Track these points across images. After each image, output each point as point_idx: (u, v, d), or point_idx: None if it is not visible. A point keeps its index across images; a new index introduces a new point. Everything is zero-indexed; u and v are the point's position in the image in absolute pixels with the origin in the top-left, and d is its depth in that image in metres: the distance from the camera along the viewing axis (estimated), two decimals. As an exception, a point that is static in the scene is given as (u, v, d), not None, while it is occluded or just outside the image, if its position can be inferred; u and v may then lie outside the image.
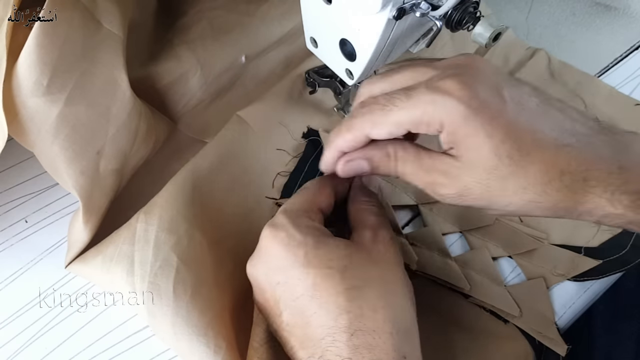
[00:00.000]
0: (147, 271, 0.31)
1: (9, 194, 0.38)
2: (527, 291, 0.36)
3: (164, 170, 0.39)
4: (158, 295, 0.30)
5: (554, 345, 0.34)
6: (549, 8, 0.53)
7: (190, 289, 0.30)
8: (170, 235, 0.32)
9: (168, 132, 0.41)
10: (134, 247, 0.32)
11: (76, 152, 0.31)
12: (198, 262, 0.32)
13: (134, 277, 0.31)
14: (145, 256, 0.31)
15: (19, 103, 0.29)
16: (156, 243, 0.31)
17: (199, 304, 0.30)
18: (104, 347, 0.34)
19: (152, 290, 0.30)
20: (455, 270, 0.36)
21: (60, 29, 0.29)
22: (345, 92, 0.40)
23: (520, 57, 0.48)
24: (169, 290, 0.30)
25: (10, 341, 0.34)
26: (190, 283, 0.31)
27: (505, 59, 0.48)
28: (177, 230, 0.32)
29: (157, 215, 0.32)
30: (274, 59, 0.46)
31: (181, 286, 0.30)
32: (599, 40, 0.51)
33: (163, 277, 0.30)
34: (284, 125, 0.41)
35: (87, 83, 0.31)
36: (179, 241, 0.32)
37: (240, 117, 0.40)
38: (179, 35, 0.44)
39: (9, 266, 0.36)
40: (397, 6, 0.25)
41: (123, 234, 0.33)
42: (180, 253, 0.31)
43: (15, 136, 0.29)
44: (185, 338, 0.29)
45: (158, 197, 0.34)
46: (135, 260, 0.31)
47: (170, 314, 0.30)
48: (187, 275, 0.31)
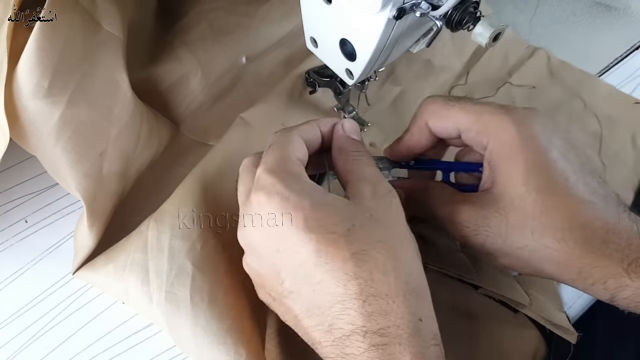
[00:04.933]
0: (163, 280, 0.30)
1: (9, 194, 0.38)
2: (536, 280, 0.36)
3: (167, 174, 0.39)
4: (176, 305, 0.30)
5: (564, 333, 0.34)
6: (549, 8, 0.53)
7: (207, 295, 0.30)
8: (183, 242, 0.31)
9: (171, 135, 0.41)
10: (147, 256, 0.31)
11: (79, 154, 0.31)
12: (213, 267, 0.32)
13: (149, 287, 0.31)
14: (160, 265, 0.31)
15: (20, 106, 0.28)
16: (170, 251, 0.31)
17: (217, 311, 0.30)
18: (104, 347, 0.34)
19: (169, 300, 0.30)
20: (465, 262, 0.36)
21: (60, 31, 0.29)
22: (345, 92, 0.40)
23: (519, 55, 0.48)
24: (186, 299, 0.30)
25: (11, 341, 0.34)
26: (207, 290, 0.30)
27: (505, 58, 0.48)
28: (190, 235, 0.32)
29: (168, 223, 0.32)
30: (275, 60, 0.46)
31: (198, 294, 0.30)
32: (599, 40, 0.51)
33: (180, 286, 0.30)
34: (286, 126, 0.41)
35: (88, 85, 0.31)
36: (192, 246, 0.31)
37: (243, 119, 0.40)
38: (179, 36, 0.44)
39: (9, 266, 0.36)
40: (397, 6, 0.25)
41: (134, 242, 0.32)
42: (194, 259, 0.31)
43: (17, 140, 0.29)
44: (206, 347, 0.29)
45: (167, 203, 0.34)
46: (149, 269, 0.31)
47: (190, 324, 0.29)
48: (203, 282, 0.30)
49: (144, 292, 0.31)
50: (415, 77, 0.46)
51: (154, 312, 0.31)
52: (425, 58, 0.47)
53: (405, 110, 0.44)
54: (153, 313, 0.31)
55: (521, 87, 0.46)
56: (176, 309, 0.30)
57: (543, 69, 0.47)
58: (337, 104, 0.43)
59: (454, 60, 0.47)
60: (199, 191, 0.34)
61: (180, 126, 0.42)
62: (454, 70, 0.47)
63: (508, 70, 0.47)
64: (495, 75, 0.47)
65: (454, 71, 0.47)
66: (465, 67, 0.47)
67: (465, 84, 0.46)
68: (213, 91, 0.44)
